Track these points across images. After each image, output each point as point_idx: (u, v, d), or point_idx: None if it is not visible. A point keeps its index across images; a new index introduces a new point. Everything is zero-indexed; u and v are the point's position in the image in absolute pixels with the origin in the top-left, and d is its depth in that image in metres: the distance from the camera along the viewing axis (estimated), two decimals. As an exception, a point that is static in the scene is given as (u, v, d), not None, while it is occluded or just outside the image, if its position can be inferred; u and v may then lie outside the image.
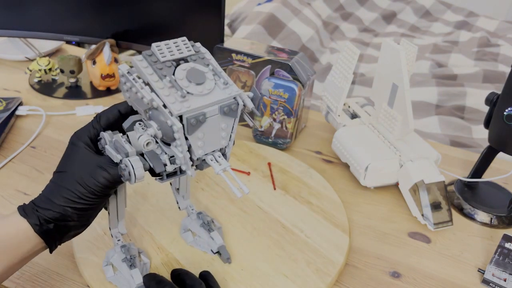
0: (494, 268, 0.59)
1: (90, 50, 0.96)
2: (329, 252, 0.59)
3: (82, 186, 0.42)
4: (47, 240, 0.43)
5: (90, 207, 0.43)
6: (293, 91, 0.77)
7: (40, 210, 0.42)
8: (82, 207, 0.42)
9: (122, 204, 0.51)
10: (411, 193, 0.68)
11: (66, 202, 0.42)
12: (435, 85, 1.44)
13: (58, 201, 0.42)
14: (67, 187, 0.42)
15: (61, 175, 0.44)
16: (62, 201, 0.42)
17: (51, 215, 0.42)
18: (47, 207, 0.42)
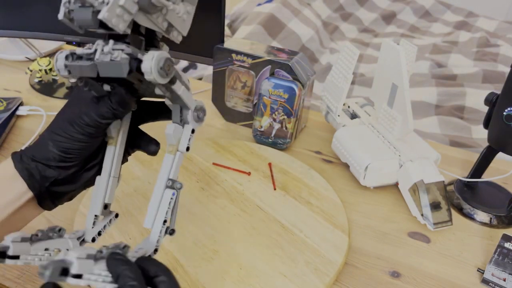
0: (493, 268, 0.59)
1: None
2: (328, 252, 0.59)
3: (67, 122, 0.39)
4: (29, 182, 0.39)
5: (73, 145, 0.39)
6: (293, 91, 0.77)
7: (26, 149, 0.40)
8: (64, 144, 0.39)
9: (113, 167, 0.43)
10: (410, 193, 0.68)
11: (50, 137, 0.39)
12: (434, 85, 1.44)
13: (43, 138, 0.40)
14: (53, 123, 0.40)
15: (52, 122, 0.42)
16: (46, 138, 0.40)
17: (31, 151, 0.40)
18: (33, 145, 0.40)
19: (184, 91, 0.40)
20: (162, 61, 0.35)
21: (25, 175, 0.39)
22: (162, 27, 0.38)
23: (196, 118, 0.42)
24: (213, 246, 0.59)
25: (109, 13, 0.33)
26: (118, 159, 0.44)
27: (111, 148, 0.43)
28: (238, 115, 0.91)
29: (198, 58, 0.89)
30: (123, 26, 0.34)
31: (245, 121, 0.91)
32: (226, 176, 0.73)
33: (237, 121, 0.92)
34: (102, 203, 0.43)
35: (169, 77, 0.36)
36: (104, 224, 0.44)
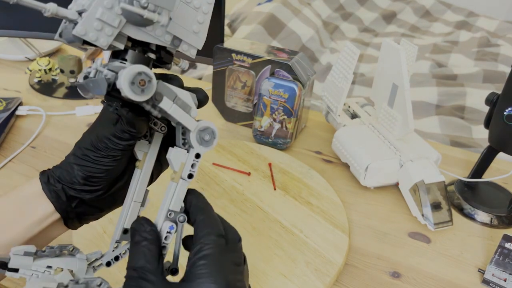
0: (494, 268, 0.59)
1: (90, 50, 0.96)
2: (328, 253, 0.59)
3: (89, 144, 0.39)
4: (55, 203, 0.39)
5: (96, 167, 0.38)
6: (293, 91, 0.77)
7: (53, 169, 0.40)
8: (88, 167, 0.38)
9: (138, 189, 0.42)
10: (411, 193, 0.67)
11: (75, 160, 0.39)
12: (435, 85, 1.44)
13: (68, 159, 0.39)
14: (79, 145, 0.39)
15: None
16: (71, 159, 0.39)
17: (58, 172, 0.39)
18: (59, 166, 0.40)
19: (176, 110, 0.35)
20: (132, 76, 0.31)
21: (52, 197, 0.39)
22: (165, 40, 0.35)
23: (200, 140, 0.37)
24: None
25: (82, 27, 0.31)
26: (142, 183, 0.41)
27: (137, 171, 0.41)
28: (238, 115, 0.90)
29: (198, 58, 0.89)
30: (104, 41, 0.32)
31: (245, 121, 0.90)
32: (226, 176, 0.73)
33: (237, 121, 0.91)
34: (121, 228, 0.41)
35: (146, 94, 0.32)
36: (125, 250, 0.41)
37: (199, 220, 0.36)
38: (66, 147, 0.80)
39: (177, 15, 0.35)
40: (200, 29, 0.36)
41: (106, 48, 0.32)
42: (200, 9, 0.36)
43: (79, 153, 0.39)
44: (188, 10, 0.35)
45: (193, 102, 0.37)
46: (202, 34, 0.36)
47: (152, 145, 0.41)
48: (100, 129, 0.39)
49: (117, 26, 0.32)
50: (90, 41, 0.31)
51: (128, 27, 0.33)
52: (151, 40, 0.34)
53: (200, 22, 0.36)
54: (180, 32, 0.35)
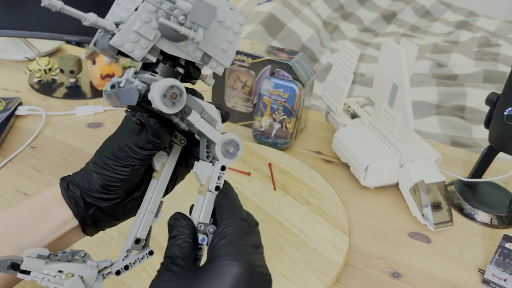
0: (494, 268, 0.59)
1: (90, 50, 0.96)
2: (328, 253, 0.59)
3: (110, 152, 0.39)
4: (74, 209, 0.40)
5: (115, 177, 0.39)
6: (293, 91, 0.77)
7: (73, 176, 0.41)
8: (106, 176, 0.39)
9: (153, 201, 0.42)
10: (411, 193, 0.67)
11: (95, 168, 0.39)
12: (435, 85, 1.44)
13: (88, 166, 0.40)
14: (99, 153, 0.40)
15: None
16: (91, 167, 0.40)
17: (77, 179, 0.40)
18: (79, 173, 0.41)
19: (203, 124, 0.36)
20: (165, 89, 0.32)
21: (71, 203, 0.40)
22: (195, 56, 0.35)
23: (225, 153, 0.39)
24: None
25: (119, 38, 0.31)
26: (158, 193, 0.42)
27: (154, 182, 0.42)
28: (238, 115, 0.90)
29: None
30: (139, 52, 0.32)
31: (245, 121, 0.90)
32: (226, 176, 0.72)
33: (237, 121, 0.91)
34: (134, 238, 0.41)
35: (177, 107, 0.33)
36: (135, 259, 0.41)
37: (223, 204, 0.38)
38: (66, 147, 0.80)
39: (209, 33, 0.35)
40: (230, 48, 0.37)
41: (140, 60, 0.33)
42: (231, 29, 0.36)
43: (99, 161, 0.40)
44: (220, 29, 0.36)
45: (218, 116, 0.38)
46: (231, 53, 0.37)
47: (171, 157, 0.42)
48: (121, 138, 0.39)
49: (152, 40, 0.33)
50: (125, 52, 0.32)
51: (162, 41, 0.33)
52: (182, 55, 0.35)
53: (230, 42, 0.37)
54: (211, 50, 0.36)
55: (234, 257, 0.33)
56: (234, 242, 0.35)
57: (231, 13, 0.36)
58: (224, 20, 0.36)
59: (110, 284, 0.52)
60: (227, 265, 0.33)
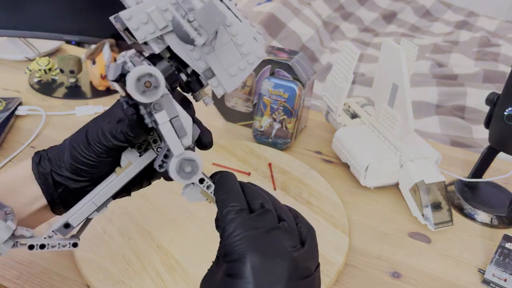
0: (494, 268, 0.59)
1: (90, 50, 0.96)
2: (328, 253, 0.59)
3: (84, 131, 0.39)
4: (42, 185, 0.39)
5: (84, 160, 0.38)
6: (293, 91, 0.77)
7: (48, 148, 0.40)
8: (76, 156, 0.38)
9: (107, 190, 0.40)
10: (411, 193, 0.67)
11: (69, 145, 0.39)
12: (435, 85, 1.44)
13: (63, 144, 0.40)
14: (77, 132, 0.40)
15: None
16: (66, 144, 0.39)
17: (51, 154, 0.40)
18: (53, 149, 0.40)
19: (168, 128, 0.33)
20: (142, 73, 0.31)
21: (40, 179, 0.39)
22: (197, 65, 0.34)
23: (179, 169, 0.34)
24: (213, 247, 0.58)
25: (129, 12, 0.31)
26: (109, 189, 0.39)
27: (112, 176, 0.40)
28: (238, 115, 0.90)
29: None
30: (142, 34, 0.32)
31: (245, 121, 0.90)
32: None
33: (237, 121, 0.91)
34: (65, 221, 0.38)
35: (146, 97, 0.31)
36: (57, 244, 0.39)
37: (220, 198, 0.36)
38: (66, 147, 0.79)
39: (221, 49, 0.34)
40: (238, 74, 0.36)
41: (141, 42, 0.33)
42: (247, 57, 0.35)
43: (74, 139, 0.39)
44: (235, 51, 0.35)
45: (191, 130, 0.35)
46: (237, 80, 0.36)
47: (140, 159, 0.40)
48: (101, 122, 0.38)
49: (161, 29, 0.32)
50: (129, 27, 0.32)
51: (171, 36, 0.33)
52: (185, 58, 0.34)
53: (241, 69, 0.36)
54: (217, 67, 0.35)
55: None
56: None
57: (252, 42, 0.35)
58: (243, 44, 0.35)
59: (110, 284, 0.52)
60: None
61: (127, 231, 0.60)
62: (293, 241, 0.33)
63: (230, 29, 0.34)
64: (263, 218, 0.33)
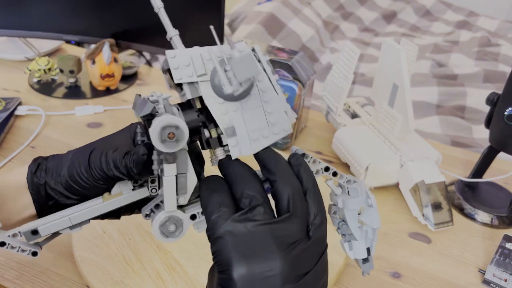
0: (494, 269, 0.58)
1: (89, 49, 0.96)
2: (329, 253, 0.59)
3: (88, 150, 0.38)
4: (35, 195, 0.38)
5: (78, 180, 0.38)
6: (293, 90, 0.77)
7: (49, 156, 0.40)
8: (73, 175, 0.38)
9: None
10: (411, 193, 0.67)
11: (70, 160, 0.38)
12: (435, 85, 1.44)
13: (66, 156, 0.39)
14: (84, 147, 0.39)
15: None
16: (69, 156, 0.39)
17: (51, 164, 0.39)
18: (53, 158, 0.40)
19: (170, 183, 0.32)
20: (170, 123, 0.29)
21: (33, 190, 0.39)
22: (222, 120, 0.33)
23: (161, 226, 0.33)
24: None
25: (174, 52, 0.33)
26: (90, 212, 0.38)
27: (98, 200, 0.38)
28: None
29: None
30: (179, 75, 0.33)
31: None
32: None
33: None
34: (34, 227, 0.36)
35: (165, 147, 0.30)
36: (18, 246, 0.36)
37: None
38: (66, 147, 0.79)
39: (249, 111, 0.34)
40: (259, 139, 0.34)
41: (176, 81, 0.33)
42: (272, 126, 0.35)
43: (77, 156, 0.38)
44: (262, 117, 0.34)
45: (192, 191, 0.33)
46: (256, 145, 0.34)
47: (132, 193, 0.38)
48: (107, 148, 0.38)
49: (198, 75, 0.33)
50: (170, 65, 0.33)
51: (206, 86, 0.33)
52: (213, 109, 0.33)
53: (264, 136, 0.34)
54: (240, 126, 0.34)
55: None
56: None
57: (282, 115, 0.35)
58: (272, 113, 0.34)
59: (110, 284, 0.52)
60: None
61: (127, 231, 0.60)
62: (292, 232, 0.30)
63: (263, 94, 0.34)
64: (249, 217, 0.29)
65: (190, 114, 0.34)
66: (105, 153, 0.37)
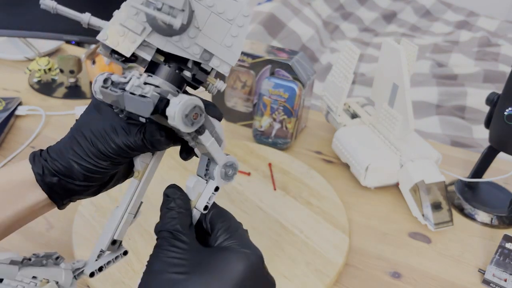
0: (494, 269, 0.58)
1: (89, 49, 0.96)
2: (329, 253, 0.59)
3: (92, 144, 0.37)
4: (49, 193, 0.39)
5: (98, 170, 0.38)
6: (293, 91, 0.77)
7: (48, 160, 0.38)
8: (90, 168, 0.37)
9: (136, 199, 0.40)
10: (411, 193, 0.67)
11: (75, 156, 0.37)
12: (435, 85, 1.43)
13: (67, 153, 0.38)
14: (78, 140, 0.38)
15: (77, 124, 0.40)
16: (70, 154, 0.37)
17: (56, 168, 0.38)
18: (55, 157, 0.38)
19: (213, 144, 0.34)
20: (189, 108, 0.30)
21: (48, 190, 0.39)
22: (192, 53, 0.33)
23: (224, 175, 0.36)
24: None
25: (104, 32, 0.30)
26: (139, 195, 0.39)
27: (134, 182, 0.39)
28: (238, 115, 0.90)
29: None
30: (126, 47, 0.31)
31: (245, 121, 0.90)
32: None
33: (237, 121, 0.91)
34: (111, 239, 0.38)
35: (195, 127, 0.31)
36: (109, 260, 0.39)
37: (220, 222, 0.36)
38: (66, 147, 0.79)
39: (207, 26, 0.32)
40: (234, 43, 0.33)
41: (129, 55, 0.32)
42: (234, 21, 0.33)
43: (79, 150, 0.38)
44: (220, 21, 0.33)
45: (223, 134, 0.36)
46: (235, 48, 0.33)
47: (155, 158, 0.39)
48: (104, 131, 0.37)
49: (140, 34, 0.31)
50: (110, 46, 0.31)
51: (154, 36, 0.31)
52: (178, 52, 0.32)
53: (234, 36, 0.33)
54: (211, 45, 0.33)
55: (248, 248, 0.33)
56: (243, 237, 0.34)
57: (233, 4, 0.32)
58: (224, 11, 0.33)
59: (110, 284, 0.52)
60: (242, 253, 0.32)
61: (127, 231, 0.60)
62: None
63: (205, 1, 0.32)
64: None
65: (161, 70, 0.33)
66: (113, 140, 0.36)
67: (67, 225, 0.61)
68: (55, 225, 0.62)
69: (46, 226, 0.62)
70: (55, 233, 0.61)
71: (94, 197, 0.43)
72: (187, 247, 0.32)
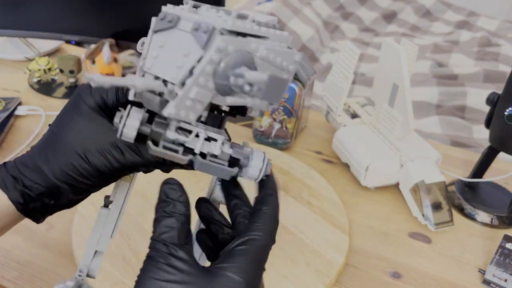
0: (494, 269, 0.58)
1: (89, 49, 0.96)
2: (329, 253, 0.59)
3: (86, 163, 0.33)
4: (32, 217, 0.35)
5: (93, 189, 0.35)
6: (293, 91, 0.77)
7: (26, 182, 0.33)
8: (83, 188, 0.34)
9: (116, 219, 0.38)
10: (411, 193, 0.67)
11: (64, 177, 0.33)
12: (435, 85, 1.43)
13: (53, 173, 0.33)
14: (68, 158, 0.33)
15: (54, 137, 0.35)
16: (58, 174, 0.33)
17: (39, 191, 0.33)
18: (36, 179, 0.33)
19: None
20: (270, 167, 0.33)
21: (28, 214, 0.35)
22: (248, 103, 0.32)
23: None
24: (212, 247, 0.58)
25: (175, 110, 0.28)
26: (129, 196, 0.39)
27: (126, 185, 0.38)
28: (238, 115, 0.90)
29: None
30: (194, 117, 0.30)
31: (245, 121, 0.90)
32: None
33: (237, 121, 0.91)
34: (108, 239, 0.38)
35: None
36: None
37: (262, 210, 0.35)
38: (66, 147, 0.79)
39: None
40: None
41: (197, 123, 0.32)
42: (286, 69, 0.33)
43: (71, 171, 0.33)
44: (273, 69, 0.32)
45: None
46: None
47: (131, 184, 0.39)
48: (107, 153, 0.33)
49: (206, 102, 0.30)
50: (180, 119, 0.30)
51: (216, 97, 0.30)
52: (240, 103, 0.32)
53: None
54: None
55: (241, 275, 0.30)
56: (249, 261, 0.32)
57: (287, 53, 0.32)
58: (281, 63, 0.32)
59: (110, 284, 0.52)
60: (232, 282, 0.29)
61: (127, 231, 0.60)
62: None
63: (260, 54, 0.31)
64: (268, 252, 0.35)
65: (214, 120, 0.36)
66: (114, 158, 0.33)
67: (67, 225, 0.61)
68: (55, 225, 0.62)
69: (46, 226, 0.62)
70: (55, 233, 0.61)
71: (94, 197, 0.42)
72: (185, 267, 0.29)
